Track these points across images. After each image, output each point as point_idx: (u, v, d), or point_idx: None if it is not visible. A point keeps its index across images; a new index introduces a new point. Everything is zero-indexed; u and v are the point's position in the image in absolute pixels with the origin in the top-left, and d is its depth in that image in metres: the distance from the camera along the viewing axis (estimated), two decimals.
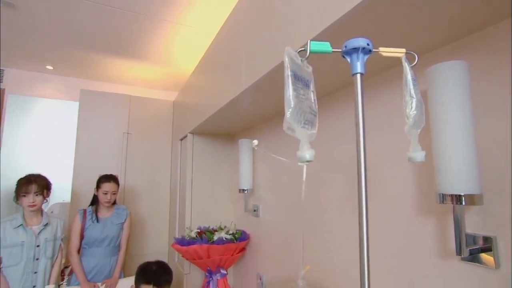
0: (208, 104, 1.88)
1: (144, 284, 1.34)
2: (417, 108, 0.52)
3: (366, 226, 0.52)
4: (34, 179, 1.80)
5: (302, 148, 0.50)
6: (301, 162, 0.50)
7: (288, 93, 0.48)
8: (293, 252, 1.58)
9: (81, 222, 2.04)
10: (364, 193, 0.52)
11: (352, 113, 1.15)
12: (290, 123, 0.48)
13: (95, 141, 2.80)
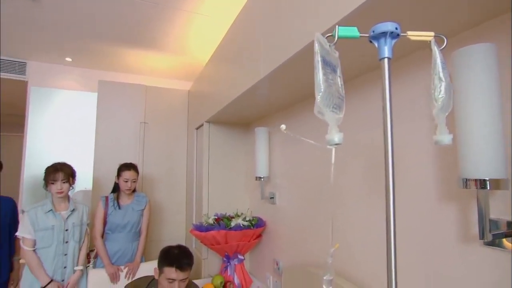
0: (225, 93, 1.90)
1: (167, 266, 1.40)
2: (445, 91, 0.52)
3: (393, 212, 0.53)
4: (60, 167, 1.88)
5: (330, 132, 0.51)
6: (330, 145, 0.52)
7: (318, 78, 0.49)
8: (310, 238, 1.61)
9: (104, 209, 2.12)
10: (391, 179, 0.53)
11: (373, 99, 1.16)
12: (320, 107, 0.49)
13: (114, 130, 2.87)
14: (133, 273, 2.06)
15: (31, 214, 1.80)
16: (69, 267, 1.89)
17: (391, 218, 0.53)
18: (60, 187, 1.85)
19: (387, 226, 0.54)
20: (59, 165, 1.89)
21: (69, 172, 1.91)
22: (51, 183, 1.85)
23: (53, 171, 1.85)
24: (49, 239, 1.82)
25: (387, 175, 0.54)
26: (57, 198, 1.88)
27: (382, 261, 1.08)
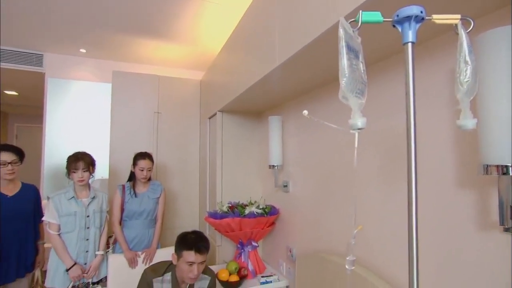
0: (238, 82, 1.90)
1: (186, 250, 1.45)
2: (471, 75, 0.51)
3: (415, 199, 0.54)
4: (81, 156, 1.95)
5: (354, 116, 0.52)
6: (353, 129, 0.52)
7: (342, 63, 0.49)
8: (324, 225, 1.63)
9: (121, 197, 2.18)
10: (413, 165, 0.53)
11: (392, 84, 1.14)
12: (345, 92, 0.49)
13: (128, 120, 2.93)
14: (150, 259, 2.13)
15: (55, 200, 1.89)
16: (91, 252, 1.97)
17: (413, 205, 0.54)
18: (81, 176, 1.92)
19: (409, 212, 0.55)
20: (80, 154, 1.96)
21: (89, 161, 1.97)
22: (73, 171, 1.92)
23: (74, 160, 1.92)
24: (72, 224, 1.90)
25: (410, 161, 0.55)
26: (78, 186, 1.96)
27: (399, 247, 1.10)
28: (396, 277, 1.13)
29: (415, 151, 0.53)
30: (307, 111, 0.64)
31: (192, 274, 1.44)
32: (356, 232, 0.56)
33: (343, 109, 1.46)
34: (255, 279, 2.01)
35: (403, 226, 1.09)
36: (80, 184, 1.95)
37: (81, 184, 1.96)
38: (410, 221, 0.55)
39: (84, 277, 1.93)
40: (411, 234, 0.55)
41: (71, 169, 1.93)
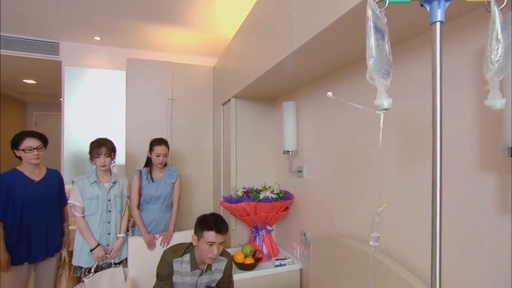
0: (253, 68, 1.90)
1: (206, 231, 1.50)
2: (503, 53, 0.50)
3: (440, 183, 0.54)
4: (103, 142, 2.02)
5: (380, 97, 0.52)
6: (379, 110, 0.53)
7: (370, 43, 0.49)
8: (339, 210, 1.64)
9: (138, 182, 2.24)
10: (439, 148, 0.53)
11: (410, 67, 1.12)
12: (372, 72, 0.50)
13: (143, 107, 2.97)
14: (167, 242, 2.20)
15: (79, 184, 1.97)
16: (113, 234, 2.06)
17: (437, 189, 0.54)
18: (103, 161, 1.99)
19: (433, 196, 0.55)
20: (102, 140, 2.03)
21: (110, 147, 2.04)
22: (96, 157, 1.99)
23: (97, 146, 1.99)
24: (95, 207, 1.99)
25: (435, 143, 0.55)
26: (100, 171, 2.04)
27: (418, 229, 1.10)
28: (414, 260, 1.14)
29: (440, 133, 0.53)
30: (331, 93, 0.64)
31: (212, 254, 1.49)
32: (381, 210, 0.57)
33: (358, 93, 1.45)
34: (270, 262, 2.06)
35: (423, 209, 1.09)
36: (102, 169, 2.03)
37: (103, 169, 2.03)
38: (434, 205, 0.56)
39: (107, 257, 2.02)
40: (434, 217, 0.56)
41: (94, 155, 2.00)
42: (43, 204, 1.92)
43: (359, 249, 1.35)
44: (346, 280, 1.43)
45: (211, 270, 1.64)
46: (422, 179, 1.10)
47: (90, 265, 1.99)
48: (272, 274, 1.95)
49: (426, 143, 1.07)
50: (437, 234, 0.58)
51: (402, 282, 1.08)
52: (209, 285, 1.66)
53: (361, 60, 1.44)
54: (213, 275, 1.65)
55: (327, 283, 1.59)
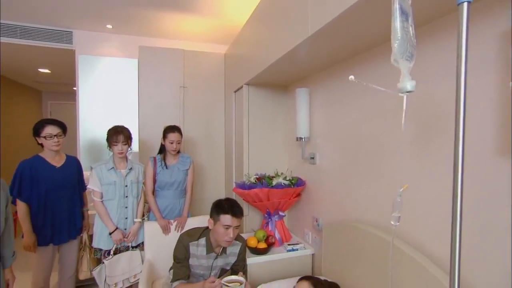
0: (265, 55, 1.89)
1: (223, 214, 1.54)
2: None
3: (462, 169, 0.54)
4: (121, 130, 2.07)
5: (403, 80, 0.52)
6: (402, 92, 0.53)
7: (395, 25, 0.49)
8: (351, 196, 1.65)
9: (153, 168, 2.29)
10: (461, 133, 0.53)
11: (434, 50, 1.10)
12: (397, 54, 0.50)
13: (155, 95, 3.00)
14: (182, 227, 2.26)
15: (98, 170, 2.04)
16: (130, 219, 2.13)
17: (459, 172, 0.55)
18: (121, 149, 2.05)
19: (454, 180, 0.56)
20: (120, 128, 2.07)
21: (128, 134, 2.10)
22: (114, 144, 2.04)
23: (115, 134, 2.04)
24: (112, 192, 2.05)
25: (457, 128, 0.55)
26: (117, 157, 2.09)
27: (434, 215, 1.10)
28: (429, 245, 1.15)
29: (464, 117, 0.53)
30: (353, 76, 0.64)
31: (228, 237, 1.53)
32: (402, 190, 0.58)
33: (372, 79, 1.43)
34: (282, 246, 2.10)
35: (439, 194, 1.10)
36: (120, 156, 2.09)
37: (120, 156, 2.09)
38: (455, 190, 0.56)
39: (124, 241, 2.10)
40: (455, 203, 0.57)
41: (112, 142, 2.05)
42: (64, 189, 2.00)
43: (373, 234, 1.36)
44: (359, 264, 1.46)
45: (226, 253, 1.69)
46: (439, 164, 1.09)
47: (109, 248, 2.07)
48: (284, 259, 1.99)
49: (445, 127, 1.06)
50: (457, 220, 0.59)
51: (417, 267, 1.09)
52: (223, 268, 1.71)
53: (375, 46, 1.42)
54: (228, 258, 1.70)
55: (340, 268, 1.62)
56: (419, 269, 1.09)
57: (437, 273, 1.02)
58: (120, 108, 3.03)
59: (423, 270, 1.07)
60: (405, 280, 1.14)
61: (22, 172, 1.86)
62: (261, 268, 1.92)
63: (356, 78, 1.56)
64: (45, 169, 1.93)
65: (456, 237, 0.59)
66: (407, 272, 1.14)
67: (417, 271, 1.10)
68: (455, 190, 0.57)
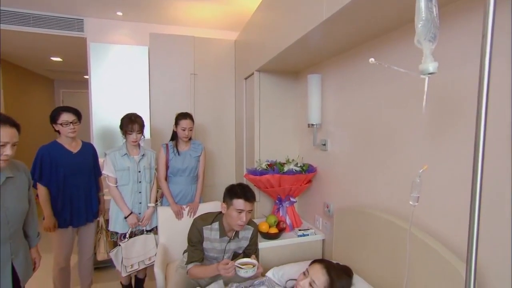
0: (277, 41, 1.87)
1: (236, 199, 1.58)
2: None
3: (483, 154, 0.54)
4: (135, 119, 2.10)
5: (425, 61, 0.52)
6: (424, 74, 0.53)
7: (420, 5, 0.49)
8: (363, 182, 1.66)
9: (165, 155, 2.33)
10: (483, 119, 0.52)
11: (456, 32, 1.08)
12: (420, 35, 0.50)
13: (166, 82, 3.02)
14: (194, 212, 2.31)
15: (112, 156, 2.08)
16: (143, 203, 2.19)
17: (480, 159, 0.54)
18: (135, 137, 2.09)
19: (474, 166, 0.55)
20: (134, 117, 2.11)
21: (141, 123, 2.14)
22: (129, 133, 2.08)
23: (130, 123, 2.08)
24: (126, 178, 2.10)
25: (480, 114, 0.54)
26: (131, 145, 2.13)
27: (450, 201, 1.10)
28: (444, 231, 1.16)
29: (486, 102, 0.53)
30: (373, 59, 0.64)
31: (240, 221, 1.57)
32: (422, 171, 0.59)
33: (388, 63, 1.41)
34: (293, 232, 2.13)
35: (455, 180, 1.09)
36: (134, 144, 2.13)
37: (134, 144, 2.13)
38: (475, 178, 0.56)
39: (139, 224, 2.16)
40: (474, 190, 0.57)
41: (127, 131, 2.08)
42: (81, 174, 2.06)
43: (385, 219, 1.37)
44: (371, 250, 1.48)
45: (238, 237, 1.72)
46: (456, 150, 1.08)
47: (125, 231, 2.14)
48: (295, 244, 2.02)
49: (464, 112, 1.05)
50: (476, 207, 0.59)
51: (432, 253, 1.10)
52: (236, 251, 1.76)
53: (391, 30, 1.40)
54: (240, 242, 1.74)
55: (351, 252, 1.64)
56: (434, 255, 1.09)
57: (453, 260, 1.02)
58: (132, 96, 3.06)
59: (438, 256, 1.07)
60: (419, 266, 1.15)
61: (42, 157, 1.93)
62: (272, 252, 1.96)
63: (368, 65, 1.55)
64: (63, 154, 1.99)
65: (474, 225, 0.60)
66: (421, 258, 1.14)
67: (431, 257, 1.10)
68: (474, 179, 0.57)
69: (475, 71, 1.00)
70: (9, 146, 1.23)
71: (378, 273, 1.41)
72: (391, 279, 1.33)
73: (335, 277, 1.28)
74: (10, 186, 1.32)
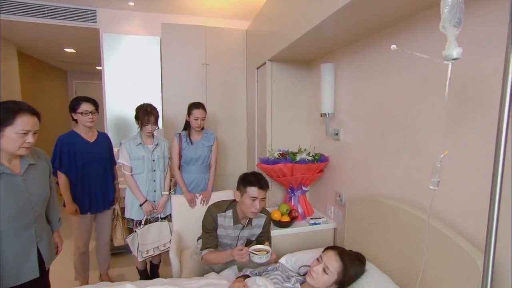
0: (290, 30, 1.86)
1: (250, 186, 1.60)
2: None
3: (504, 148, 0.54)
4: (151, 110, 2.14)
5: (449, 46, 0.52)
6: (447, 60, 0.53)
7: None
8: (377, 171, 1.66)
9: (178, 144, 2.37)
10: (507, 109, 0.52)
11: (480, 19, 1.05)
12: (445, 20, 0.49)
13: (178, 73, 3.04)
14: (207, 200, 2.35)
15: (127, 146, 2.13)
16: (158, 191, 2.24)
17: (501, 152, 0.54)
18: (150, 129, 2.14)
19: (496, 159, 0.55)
20: (150, 108, 2.14)
21: (157, 114, 2.18)
22: (145, 124, 2.12)
23: (146, 114, 2.11)
24: (141, 167, 2.15)
25: (503, 104, 0.53)
26: (145, 135, 2.17)
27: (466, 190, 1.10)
28: (460, 221, 1.16)
29: (511, 89, 0.52)
30: (395, 45, 0.64)
31: (254, 208, 1.60)
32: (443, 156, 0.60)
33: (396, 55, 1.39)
34: (304, 220, 2.15)
35: (473, 169, 1.09)
36: (149, 135, 2.17)
37: (149, 135, 2.17)
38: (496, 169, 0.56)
39: (154, 212, 2.22)
40: (495, 180, 0.56)
41: (143, 122, 2.12)
42: (97, 163, 2.12)
43: (399, 208, 1.38)
44: (383, 238, 1.49)
45: (252, 225, 1.76)
46: (476, 140, 1.07)
47: (140, 218, 2.20)
48: (306, 232, 2.05)
49: (485, 102, 1.03)
50: (497, 196, 0.59)
51: (448, 242, 1.10)
52: (249, 239, 1.79)
53: (407, 17, 1.37)
54: (253, 230, 1.78)
55: (363, 241, 1.66)
56: (450, 244, 1.09)
57: (470, 249, 1.02)
58: (144, 86, 3.09)
59: (454, 245, 1.07)
60: (435, 255, 1.15)
61: (61, 146, 1.99)
62: (285, 240, 1.99)
63: (382, 55, 1.53)
64: (81, 144, 2.05)
65: (493, 214, 0.60)
66: (436, 246, 1.14)
67: (447, 246, 1.10)
68: (495, 168, 0.57)
69: (499, 58, 0.99)
70: (31, 134, 1.27)
71: (391, 261, 1.42)
72: (404, 267, 1.34)
73: (349, 263, 1.31)
74: (33, 173, 1.37)
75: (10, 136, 1.22)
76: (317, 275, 1.30)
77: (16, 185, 1.28)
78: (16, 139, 1.23)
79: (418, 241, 1.26)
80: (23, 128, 1.23)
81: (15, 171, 1.29)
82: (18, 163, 1.32)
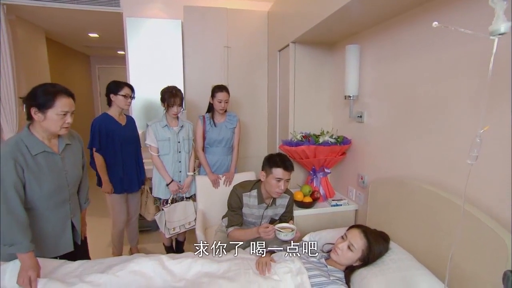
0: (315, 11, 1.83)
1: (275, 167, 1.65)
2: None
3: None
4: (176, 92, 2.19)
5: (496, 21, 0.52)
6: (494, 35, 0.53)
7: None
8: (401, 154, 1.65)
9: (202, 126, 2.42)
10: None
11: None
12: None
13: (200, 56, 3.06)
14: (230, 181, 2.42)
15: (153, 127, 2.20)
16: (183, 172, 2.32)
17: None
18: (176, 110, 2.20)
19: None
20: (175, 90, 2.20)
21: (182, 96, 2.24)
22: (170, 106, 2.18)
23: (172, 96, 2.17)
24: (167, 148, 2.23)
25: None
26: (171, 116, 2.23)
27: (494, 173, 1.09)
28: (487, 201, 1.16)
29: None
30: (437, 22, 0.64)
31: (279, 189, 1.64)
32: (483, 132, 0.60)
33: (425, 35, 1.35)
34: (326, 202, 2.19)
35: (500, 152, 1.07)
36: (174, 117, 2.24)
37: (174, 117, 2.24)
38: None
39: (180, 191, 2.31)
40: None
41: (169, 104, 2.18)
42: (130, 144, 2.23)
43: (425, 189, 1.38)
44: (408, 219, 1.50)
45: (276, 204, 1.81)
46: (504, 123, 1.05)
47: (167, 197, 2.30)
48: (328, 213, 2.09)
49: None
50: None
51: (476, 222, 1.10)
52: (273, 218, 1.85)
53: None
54: (277, 209, 1.83)
55: (386, 222, 1.67)
56: (478, 225, 1.09)
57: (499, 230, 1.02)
58: (166, 69, 3.13)
59: (482, 226, 1.07)
60: (463, 236, 1.14)
61: (99, 128, 2.09)
62: (307, 220, 2.04)
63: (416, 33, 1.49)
64: (115, 125, 2.16)
65: None
66: (465, 227, 1.12)
67: (475, 227, 1.10)
68: None
69: None
70: (69, 114, 1.35)
71: (415, 241, 1.44)
72: (428, 247, 1.36)
73: (373, 240, 1.34)
74: (69, 152, 1.46)
75: (52, 118, 1.30)
76: (342, 251, 1.35)
77: (56, 163, 1.37)
78: (57, 120, 1.30)
79: (443, 221, 1.26)
80: (62, 110, 1.30)
81: (54, 150, 1.37)
82: (56, 143, 1.40)
